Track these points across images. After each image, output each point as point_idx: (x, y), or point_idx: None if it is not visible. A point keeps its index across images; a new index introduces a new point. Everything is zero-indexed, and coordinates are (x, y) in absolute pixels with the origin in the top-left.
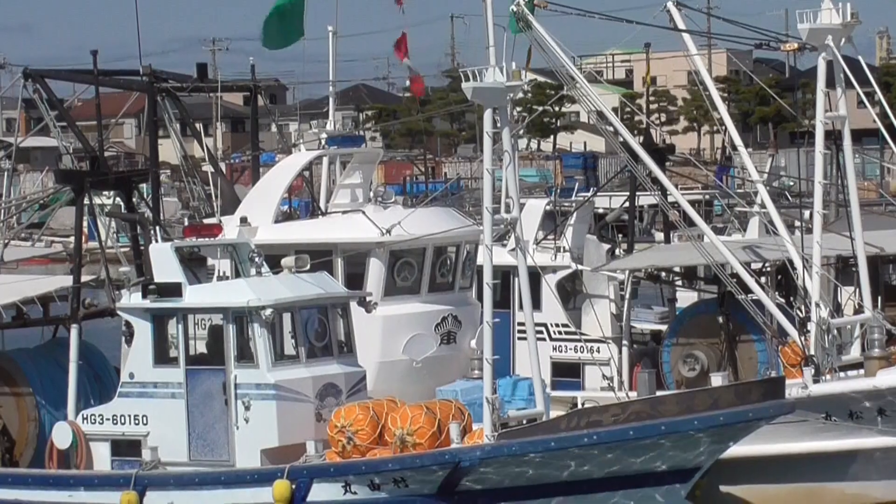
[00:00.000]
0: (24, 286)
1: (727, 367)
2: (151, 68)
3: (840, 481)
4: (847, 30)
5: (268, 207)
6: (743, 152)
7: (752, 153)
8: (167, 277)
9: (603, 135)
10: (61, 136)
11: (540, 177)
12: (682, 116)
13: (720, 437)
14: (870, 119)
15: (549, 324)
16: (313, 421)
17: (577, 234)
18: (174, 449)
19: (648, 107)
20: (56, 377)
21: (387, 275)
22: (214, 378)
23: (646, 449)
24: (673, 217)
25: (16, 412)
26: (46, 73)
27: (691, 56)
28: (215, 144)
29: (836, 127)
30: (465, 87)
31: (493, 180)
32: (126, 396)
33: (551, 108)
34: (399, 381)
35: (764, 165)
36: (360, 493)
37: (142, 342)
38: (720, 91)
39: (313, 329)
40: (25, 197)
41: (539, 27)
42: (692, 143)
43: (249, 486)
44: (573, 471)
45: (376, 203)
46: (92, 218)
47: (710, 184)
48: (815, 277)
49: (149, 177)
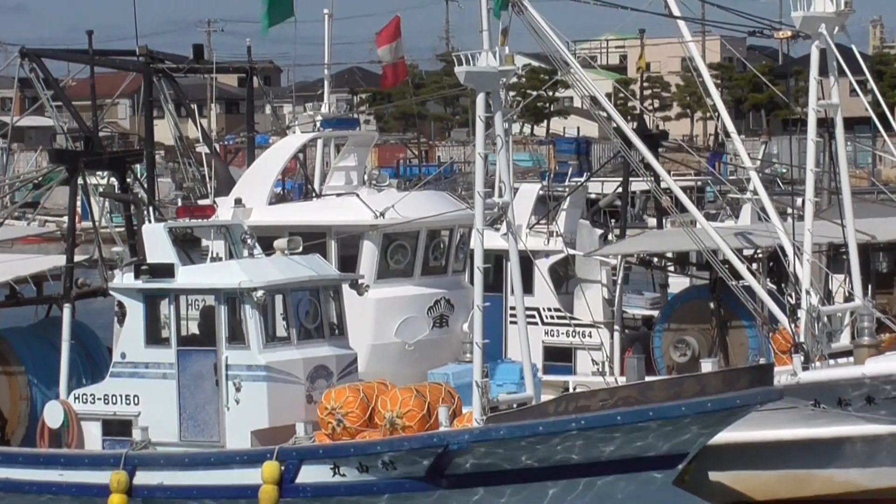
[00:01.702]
0: (18, 265)
1: (718, 353)
2: (148, 49)
3: (828, 468)
4: (840, 18)
5: (262, 189)
6: (735, 139)
7: (744, 140)
8: (160, 258)
9: (596, 120)
10: (57, 115)
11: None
12: (675, 103)
13: (708, 423)
14: (862, 107)
15: (541, 308)
16: (304, 403)
17: (570, 218)
18: (165, 429)
19: (642, 93)
20: (48, 356)
21: (380, 258)
22: (206, 359)
23: (634, 434)
24: (665, 203)
25: (8, 391)
26: (43, 52)
27: (685, 43)
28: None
29: (829, 115)
30: (458, 71)
31: (486, 164)
32: (118, 376)
33: (545, 92)
34: (391, 364)
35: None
36: (349, 476)
37: (134, 322)
38: (713, 78)
39: (305, 311)
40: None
41: (534, 11)
42: (685, 130)
43: (239, 467)
44: (561, 455)
45: (370, 186)
46: (86, 198)
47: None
48: (806, 265)
49: (143, 157)
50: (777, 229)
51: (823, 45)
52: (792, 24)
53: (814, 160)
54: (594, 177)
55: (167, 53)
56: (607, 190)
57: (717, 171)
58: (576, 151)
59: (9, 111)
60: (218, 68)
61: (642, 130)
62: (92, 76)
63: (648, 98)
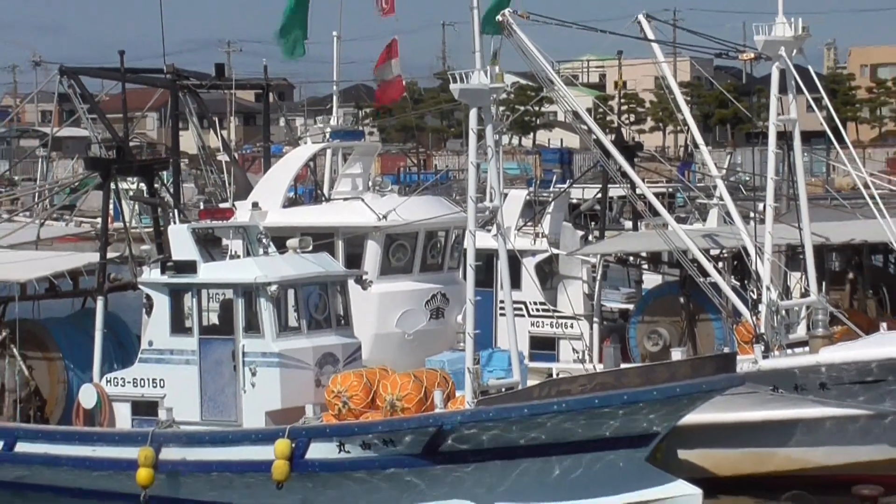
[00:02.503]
0: (56, 262)
1: (687, 343)
2: (174, 67)
3: (786, 447)
4: (798, 42)
5: (276, 194)
6: (703, 150)
7: (711, 151)
8: (184, 256)
9: (578, 133)
10: (92, 127)
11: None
12: (649, 117)
13: (677, 406)
14: (818, 122)
15: (528, 302)
16: (313, 386)
17: (554, 221)
18: (188, 410)
19: (619, 108)
20: (83, 344)
21: (382, 256)
22: (224, 347)
23: (609, 416)
24: (640, 208)
25: (47, 375)
26: (79, 70)
27: (659, 63)
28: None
29: (788, 129)
30: (453, 89)
31: (478, 172)
32: (145, 362)
33: (531, 108)
34: (392, 352)
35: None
36: (353, 452)
37: (160, 313)
38: (684, 95)
39: (314, 304)
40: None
41: (522, 35)
42: (658, 142)
43: (254, 445)
44: (544, 435)
45: (374, 191)
46: (117, 201)
47: (674, 178)
48: (767, 264)
49: (169, 165)
50: (741, 232)
51: (783, 65)
52: (755, 46)
53: (774, 169)
54: (576, 184)
55: (191, 71)
56: (588, 196)
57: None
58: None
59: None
60: (237, 85)
61: (619, 142)
62: (123, 92)
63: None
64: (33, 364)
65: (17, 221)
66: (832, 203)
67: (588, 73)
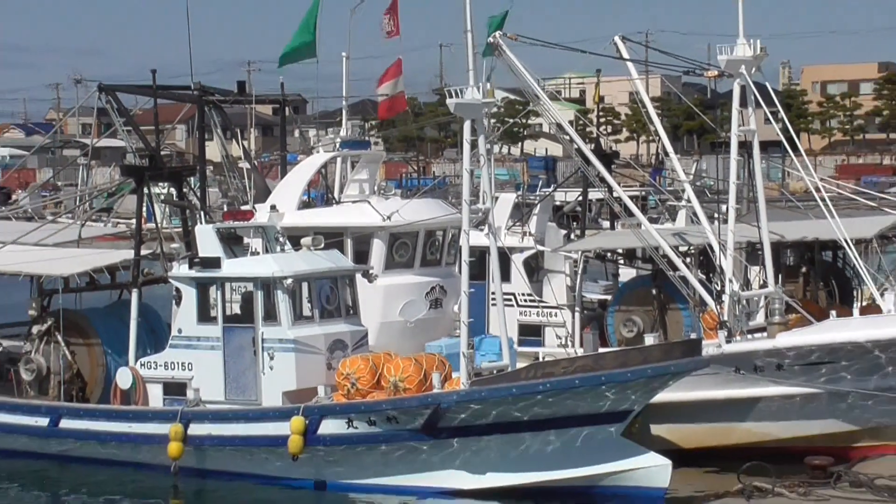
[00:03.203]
0: (95, 258)
1: (658, 330)
2: (200, 84)
3: (746, 422)
4: (757, 60)
5: (292, 197)
6: (673, 158)
7: (680, 159)
8: (209, 252)
9: (561, 143)
10: (127, 138)
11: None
12: (624, 128)
13: (649, 386)
14: (774, 133)
15: (517, 293)
16: (324, 369)
17: (540, 221)
18: (213, 390)
19: (598, 120)
20: (120, 331)
21: (387, 252)
22: (245, 334)
23: (589, 395)
24: (616, 209)
25: (87, 359)
26: (116, 87)
27: (633, 80)
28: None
29: (748, 139)
30: (450, 103)
31: (472, 178)
32: (175, 347)
33: (519, 120)
34: (395, 338)
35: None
36: (360, 428)
37: (188, 304)
38: (655, 108)
39: (325, 295)
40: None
41: (511, 55)
42: (632, 150)
43: (272, 421)
44: (531, 411)
45: (379, 195)
46: (150, 204)
47: (647, 183)
48: (729, 259)
49: (196, 171)
50: (706, 230)
51: (743, 82)
52: (718, 65)
53: (735, 175)
54: (559, 188)
55: (216, 88)
56: (570, 198)
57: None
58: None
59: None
60: (256, 100)
61: (598, 151)
62: (155, 106)
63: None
64: (75, 349)
65: (60, 223)
66: (787, 205)
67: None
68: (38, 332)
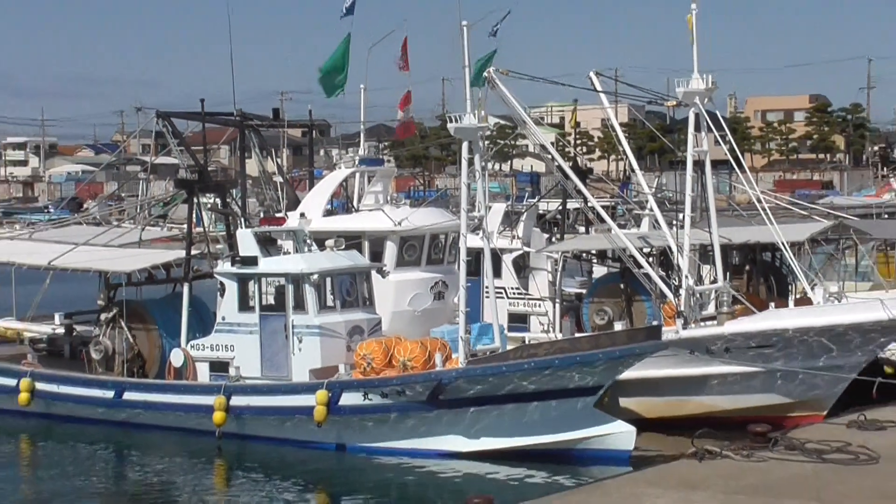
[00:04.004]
0: (153, 257)
1: (626, 318)
2: (242, 111)
3: (698, 396)
4: (709, 92)
5: (318, 206)
6: (638, 174)
7: (644, 175)
8: (248, 252)
9: (544, 160)
10: (180, 156)
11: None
12: (597, 149)
13: (617, 365)
14: (723, 153)
15: (507, 287)
16: (344, 351)
17: (526, 227)
18: (251, 368)
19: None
20: (173, 318)
21: (398, 252)
22: (278, 321)
23: (566, 372)
24: (591, 216)
25: (146, 342)
26: (170, 113)
27: (605, 108)
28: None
29: (701, 158)
30: (450, 127)
31: (469, 190)
32: (220, 332)
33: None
34: (404, 325)
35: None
36: (374, 400)
37: (230, 296)
38: (623, 132)
39: (345, 288)
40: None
41: (503, 87)
42: (604, 167)
43: (301, 394)
44: (518, 386)
45: (391, 204)
46: (199, 211)
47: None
48: (685, 258)
49: (237, 184)
50: (666, 234)
51: (697, 110)
52: (676, 96)
53: (690, 188)
54: (543, 199)
55: (255, 114)
56: (551, 207)
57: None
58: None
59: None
60: (288, 124)
61: (575, 167)
62: (203, 129)
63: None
64: (136, 334)
65: (123, 227)
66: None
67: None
68: (106, 319)
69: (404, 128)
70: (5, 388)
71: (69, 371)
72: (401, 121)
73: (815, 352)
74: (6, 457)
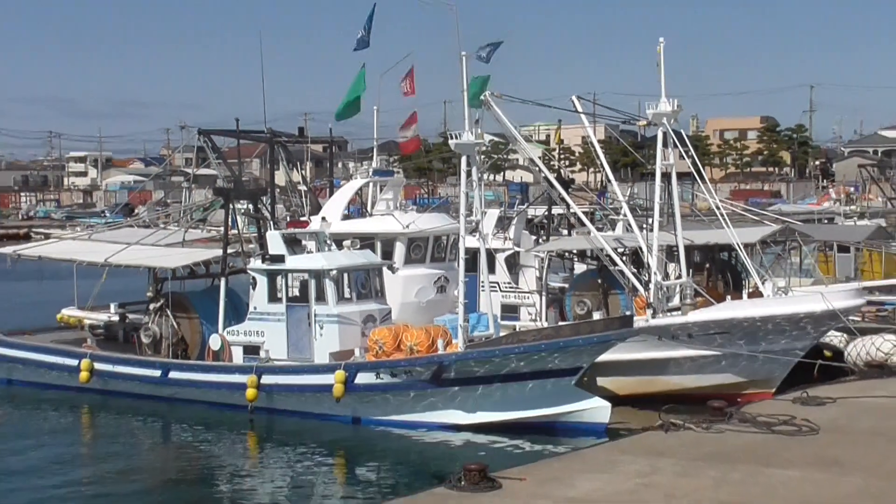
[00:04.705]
0: (195, 254)
1: (603, 309)
2: (271, 129)
3: (665, 375)
4: (675, 114)
5: (337, 211)
6: (613, 184)
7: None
8: (277, 251)
9: (532, 172)
10: (217, 167)
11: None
12: (578, 162)
13: (595, 349)
14: (686, 166)
15: (500, 282)
16: (359, 336)
17: (517, 229)
18: (279, 351)
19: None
20: (212, 308)
21: (405, 251)
22: (303, 310)
23: (551, 356)
24: (573, 221)
25: (189, 328)
26: (210, 131)
27: (585, 127)
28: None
29: (667, 170)
30: (451, 143)
31: (467, 198)
32: (252, 320)
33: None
34: (411, 315)
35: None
36: (385, 378)
37: (261, 289)
38: (601, 148)
39: (360, 282)
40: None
41: (497, 109)
42: (584, 178)
43: (322, 374)
44: (510, 368)
45: (400, 210)
46: (234, 216)
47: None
48: (654, 257)
49: (268, 192)
50: (637, 237)
51: (665, 129)
52: (647, 117)
53: (658, 196)
54: (531, 205)
55: (282, 132)
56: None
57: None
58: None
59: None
60: (311, 141)
61: (559, 178)
62: (238, 145)
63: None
64: (180, 321)
65: (169, 229)
66: (695, 219)
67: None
68: (154, 308)
69: (409, 144)
70: (68, 368)
71: (123, 353)
72: (406, 137)
73: (765, 337)
74: (69, 426)
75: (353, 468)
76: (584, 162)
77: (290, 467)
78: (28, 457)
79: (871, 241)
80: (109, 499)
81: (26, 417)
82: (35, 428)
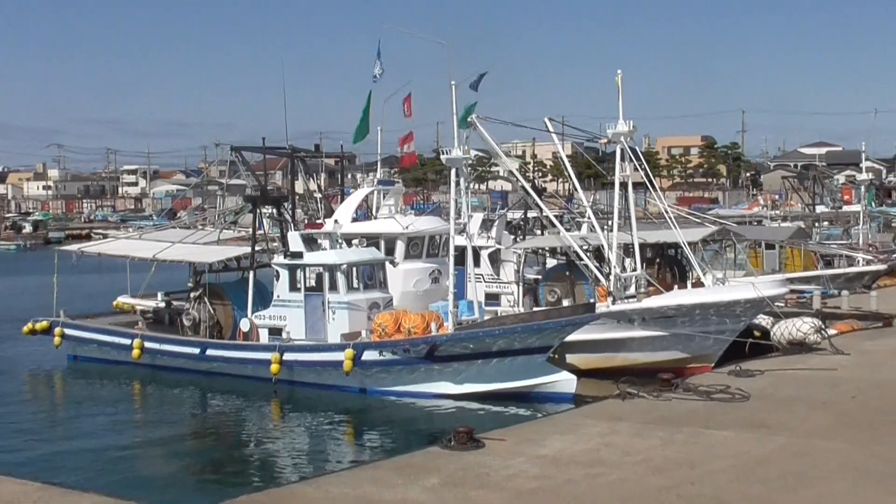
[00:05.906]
0: (228, 251)
1: (571, 297)
2: (292, 145)
3: (622, 353)
4: (630, 133)
5: (347, 215)
6: (579, 192)
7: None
8: (296, 249)
9: (511, 182)
10: (247, 178)
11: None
12: (549, 173)
13: (563, 330)
14: (640, 177)
15: (484, 274)
16: (366, 320)
17: (498, 230)
18: (298, 332)
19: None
20: (242, 296)
21: (405, 249)
22: (318, 298)
23: (527, 336)
24: (545, 223)
25: (223, 313)
26: (241, 147)
27: (556, 143)
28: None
29: (624, 180)
30: (443, 158)
31: (456, 204)
32: (276, 306)
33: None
34: (410, 302)
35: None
36: (387, 356)
37: (283, 280)
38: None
39: (367, 275)
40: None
41: (482, 129)
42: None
43: (334, 352)
44: (492, 346)
45: (400, 214)
46: (260, 219)
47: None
48: (614, 253)
49: (289, 199)
50: (600, 236)
51: (622, 146)
52: (607, 135)
53: (617, 202)
54: (510, 210)
55: (301, 148)
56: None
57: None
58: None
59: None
60: (326, 155)
61: (533, 187)
62: (264, 159)
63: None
64: (215, 308)
65: (206, 230)
66: (648, 221)
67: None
68: (194, 296)
69: (407, 158)
70: (123, 346)
71: (168, 334)
72: (402, 154)
73: (705, 320)
74: (124, 395)
75: (359, 431)
76: (555, 173)
77: (306, 430)
78: (91, 420)
79: (793, 240)
80: (158, 455)
81: (89, 387)
82: (96, 396)
